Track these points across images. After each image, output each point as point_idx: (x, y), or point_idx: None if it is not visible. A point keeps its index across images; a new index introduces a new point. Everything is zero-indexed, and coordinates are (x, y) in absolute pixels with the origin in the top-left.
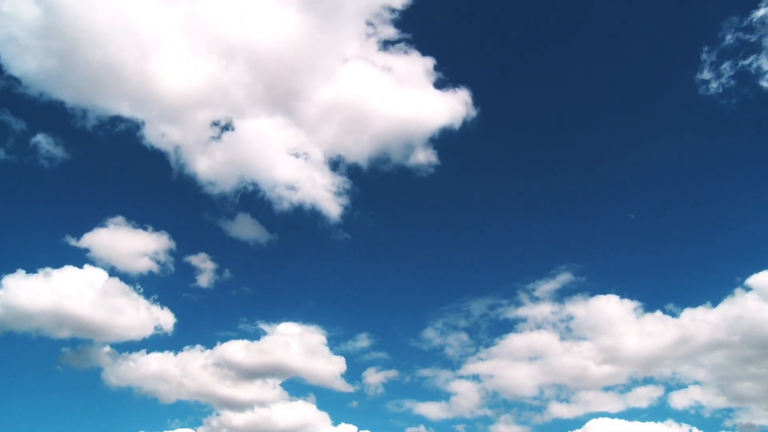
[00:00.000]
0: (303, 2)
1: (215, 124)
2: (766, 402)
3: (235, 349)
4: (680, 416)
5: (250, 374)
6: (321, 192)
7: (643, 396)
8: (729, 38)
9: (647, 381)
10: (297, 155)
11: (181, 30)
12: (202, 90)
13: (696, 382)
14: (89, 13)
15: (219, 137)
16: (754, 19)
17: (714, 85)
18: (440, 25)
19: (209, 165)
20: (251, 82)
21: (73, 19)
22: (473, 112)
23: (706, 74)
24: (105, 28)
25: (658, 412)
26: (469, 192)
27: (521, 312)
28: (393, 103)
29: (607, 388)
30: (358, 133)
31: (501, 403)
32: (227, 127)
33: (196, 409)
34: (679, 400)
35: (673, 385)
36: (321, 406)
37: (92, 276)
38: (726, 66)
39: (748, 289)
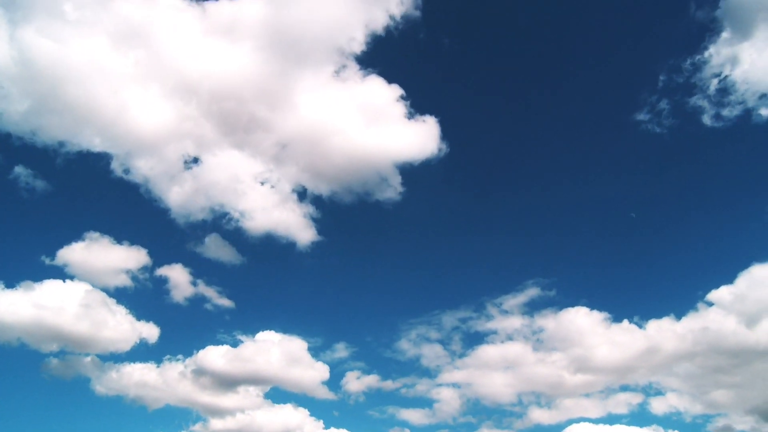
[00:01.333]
0: (266, 38)
1: (184, 157)
2: (742, 409)
3: (217, 359)
4: (661, 421)
5: (233, 382)
6: (289, 219)
7: (622, 402)
8: (665, 79)
9: (624, 388)
10: (263, 183)
11: (148, 70)
12: (170, 125)
13: (672, 390)
14: (63, 57)
15: (188, 169)
16: (686, 63)
17: (656, 125)
18: (406, 56)
19: (180, 195)
20: (217, 116)
21: (47, 62)
22: (439, 138)
23: (644, 115)
24: (77, 71)
25: (639, 418)
26: (435, 214)
27: (491, 325)
28: (358, 132)
29: (585, 395)
30: (324, 162)
31: (482, 410)
32: (195, 160)
33: (181, 416)
34: (658, 406)
35: (651, 392)
36: (309, 412)
37: (74, 289)
38: (667, 105)
39: (709, 304)
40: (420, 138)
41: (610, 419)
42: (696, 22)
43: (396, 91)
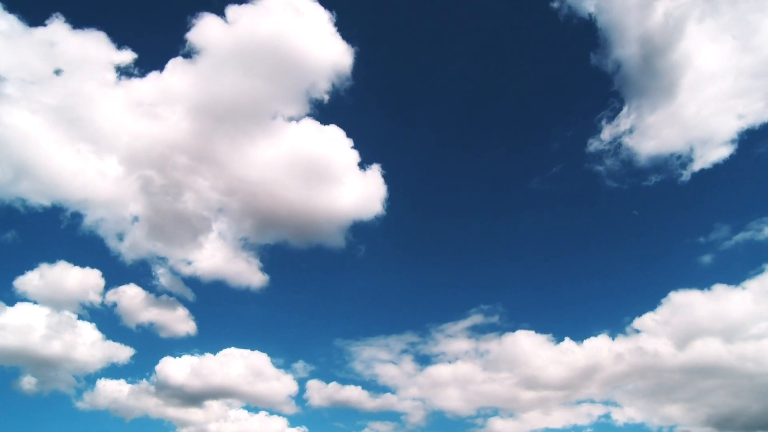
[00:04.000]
0: (200, 102)
1: (130, 212)
2: (696, 421)
3: (184, 375)
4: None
5: (201, 396)
6: (239, 267)
7: (583, 414)
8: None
9: (580, 402)
10: (211, 234)
11: (91, 138)
12: (117, 184)
13: (628, 405)
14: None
15: (137, 223)
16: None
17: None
18: (350, 107)
19: (131, 243)
20: (163, 173)
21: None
22: (384, 188)
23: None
24: (42, 149)
25: (603, 428)
26: (378, 256)
27: (438, 348)
28: (303, 185)
29: (543, 409)
30: (269, 213)
31: (446, 422)
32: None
33: (156, 428)
34: (619, 418)
35: (609, 405)
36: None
37: (40, 313)
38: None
39: (637, 331)
40: (363, 186)
41: (575, 429)
42: (595, 96)
43: (338, 145)
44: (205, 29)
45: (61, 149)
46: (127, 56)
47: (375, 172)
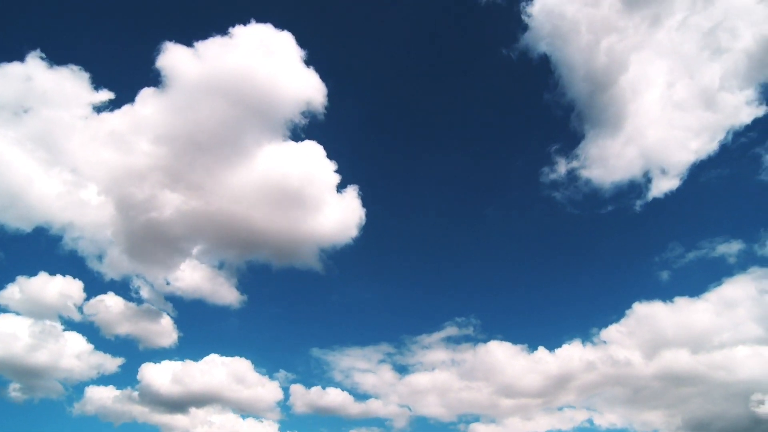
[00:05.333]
0: (169, 131)
1: (107, 234)
2: (672, 426)
3: (168, 382)
4: None
5: (185, 403)
6: (216, 287)
7: (566, 419)
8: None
9: (561, 408)
10: (188, 257)
11: (67, 165)
12: (98, 209)
13: (608, 411)
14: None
15: (116, 247)
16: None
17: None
18: (323, 135)
19: (110, 264)
20: (141, 194)
21: None
22: (360, 209)
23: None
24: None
25: None
26: (351, 277)
27: (415, 359)
28: (281, 209)
29: (524, 414)
30: (246, 236)
31: (430, 428)
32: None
33: None
34: (600, 424)
35: (590, 411)
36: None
37: (25, 324)
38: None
39: (605, 342)
40: (340, 208)
41: None
42: (551, 130)
43: (314, 170)
44: (175, 59)
45: (40, 178)
46: (104, 95)
47: (352, 193)
